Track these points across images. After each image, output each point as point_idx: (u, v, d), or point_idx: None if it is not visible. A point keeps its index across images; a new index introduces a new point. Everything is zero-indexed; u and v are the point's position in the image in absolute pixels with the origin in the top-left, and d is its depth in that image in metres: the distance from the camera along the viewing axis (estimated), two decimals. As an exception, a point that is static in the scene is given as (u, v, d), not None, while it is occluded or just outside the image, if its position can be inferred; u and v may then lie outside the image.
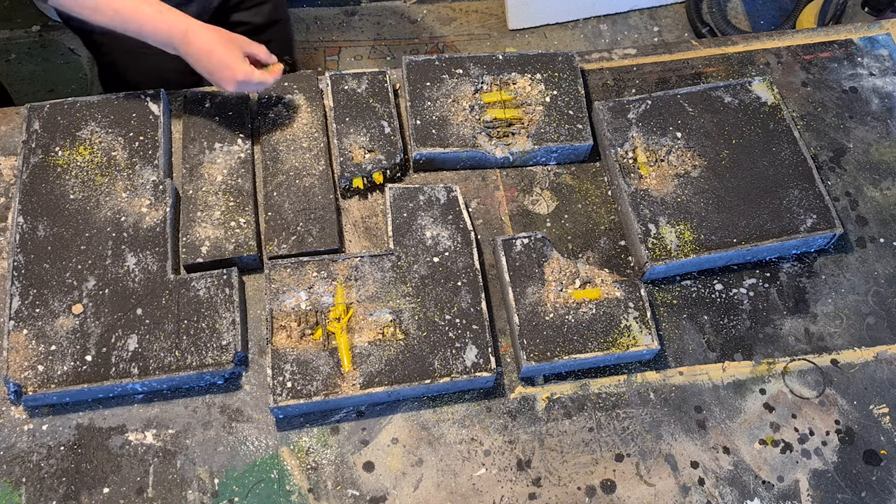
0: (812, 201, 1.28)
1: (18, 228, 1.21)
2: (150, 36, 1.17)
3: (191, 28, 1.16)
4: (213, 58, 1.16)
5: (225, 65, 1.17)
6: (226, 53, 1.16)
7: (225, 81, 1.18)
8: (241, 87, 1.20)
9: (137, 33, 1.17)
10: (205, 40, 1.16)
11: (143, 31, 1.17)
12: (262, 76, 1.20)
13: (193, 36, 1.16)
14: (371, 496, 1.10)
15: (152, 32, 1.16)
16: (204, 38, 1.16)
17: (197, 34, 1.16)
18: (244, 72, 1.17)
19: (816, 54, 1.52)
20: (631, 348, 1.16)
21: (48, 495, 1.08)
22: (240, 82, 1.18)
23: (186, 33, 1.16)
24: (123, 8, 1.15)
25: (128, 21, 1.15)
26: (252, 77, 1.18)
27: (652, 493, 1.12)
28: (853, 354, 1.23)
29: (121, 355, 1.12)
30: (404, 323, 1.16)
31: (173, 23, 1.16)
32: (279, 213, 1.25)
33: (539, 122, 1.35)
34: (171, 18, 1.16)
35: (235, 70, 1.17)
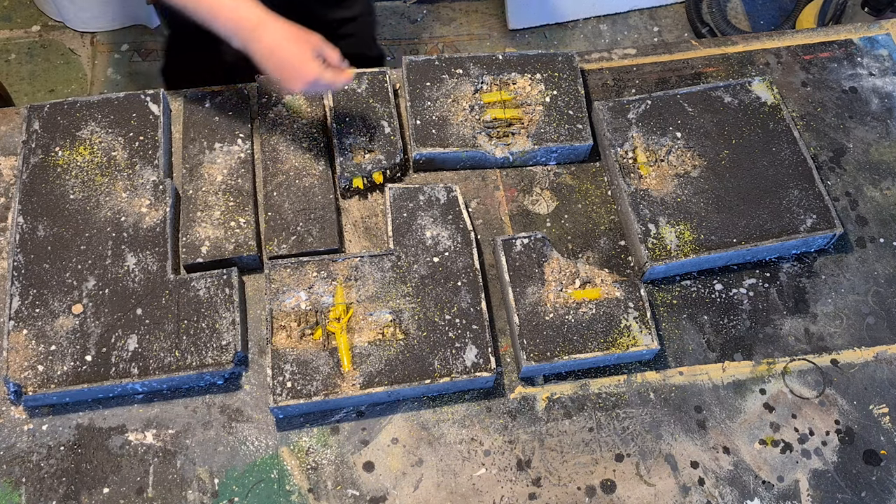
0: (812, 201, 1.28)
1: (18, 228, 1.21)
2: (219, 25, 1.11)
3: (262, 22, 1.10)
4: (283, 55, 1.10)
5: (294, 63, 1.11)
6: (296, 51, 1.11)
7: (293, 80, 1.13)
8: (309, 88, 1.14)
9: (208, 20, 1.12)
10: (275, 36, 1.10)
11: (214, 19, 1.11)
12: (332, 77, 1.14)
13: (263, 31, 1.10)
14: (371, 496, 1.10)
15: (223, 22, 1.11)
16: (274, 35, 1.10)
17: (267, 29, 1.10)
18: (314, 71, 1.11)
19: (816, 54, 1.52)
20: (631, 348, 1.16)
21: (48, 495, 1.08)
22: (309, 82, 1.12)
23: (256, 28, 1.10)
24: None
25: (201, 4, 1.10)
26: (322, 77, 1.12)
27: (652, 493, 1.12)
28: (853, 354, 1.23)
29: (121, 355, 1.12)
30: (404, 323, 1.16)
31: (245, 15, 1.10)
32: (279, 213, 1.25)
33: (539, 122, 1.35)
34: (244, 10, 1.10)
35: (305, 69, 1.11)
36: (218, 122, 1.33)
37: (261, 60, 1.12)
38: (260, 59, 1.12)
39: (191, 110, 1.34)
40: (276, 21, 1.11)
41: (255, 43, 1.11)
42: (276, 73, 1.13)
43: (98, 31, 2.68)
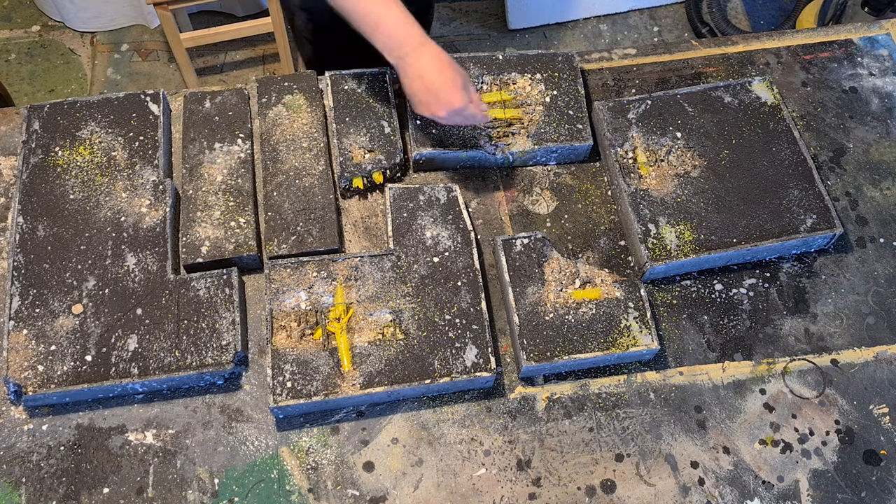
0: (812, 201, 1.28)
1: (18, 228, 1.21)
2: (378, 39, 1.13)
3: (421, 45, 1.12)
4: (438, 77, 1.12)
5: (445, 89, 1.12)
6: (449, 78, 1.12)
7: (439, 105, 1.13)
8: (452, 116, 1.15)
9: (367, 31, 1.13)
10: (430, 61, 1.12)
11: (375, 33, 1.12)
12: (476, 110, 1.16)
13: (420, 54, 1.12)
14: (371, 496, 1.10)
15: (383, 38, 1.12)
16: (429, 59, 1.12)
17: (424, 53, 1.12)
18: (462, 99, 1.13)
19: (816, 54, 1.52)
20: (631, 348, 1.16)
21: (48, 495, 1.08)
22: (454, 110, 1.13)
23: (414, 50, 1.12)
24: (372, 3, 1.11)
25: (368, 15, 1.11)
26: (466, 108, 1.13)
27: (652, 493, 1.12)
28: (853, 354, 1.23)
29: (121, 355, 1.12)
30: (404, 323, 1.16)
31: (406, 35, 1.12)
32: (279, 213, 1.25)
33: (539, 122, 1.35)
34: (405, 30, 1.12)
35: (454, 96, 1.12)
36: (218, 122, 1.33)
37: (410, 81, 1.14)
38: (409, 80, 1.14)
39: (191, 110, 1.34)
40: (434, 46, 1.12)
41: (408, 64, 1.12)
42: (422, 96, 1.14)
43: (98, 31, 2.68)
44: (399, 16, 1.11)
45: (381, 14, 1.11)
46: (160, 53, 2.66)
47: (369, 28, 1.12)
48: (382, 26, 1.11)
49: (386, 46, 1.13)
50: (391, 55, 1.13)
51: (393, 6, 1.11)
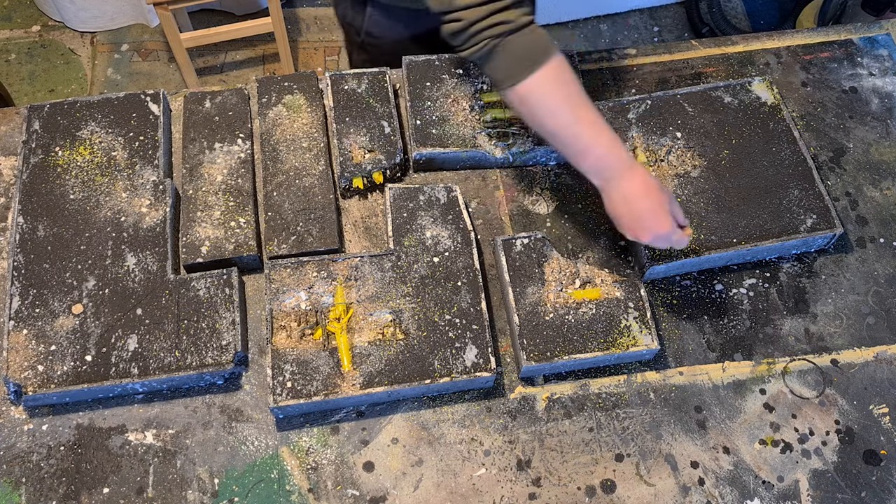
0: (812, 201, 1.28)
1: (18, 228, 1.21)
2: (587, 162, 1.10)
3: (630, 169, 1.09)
4: (645, 202, 1.09)
5: (654, 213, 1.09)
6: (654, 203, 1.09)
7: (645, 230, 1.10)
8: (656, 240, 1.11)
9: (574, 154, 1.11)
10: (637, 185, 1.09)
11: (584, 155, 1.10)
12: (680, 236, 1.12)
13: (635, 174, 1.09)
14: (371, 496, 1.10)
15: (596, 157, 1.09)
16: (643, 180, 1.09)
17: (633, 176, 1.09)
18: (667, 225, 1.09)
19: (816, 54, 1.52)
20: (631, 348, 1.16)
21: (48, 495, 1.08)
22: (659, 235, 1.10)
23: (624, 173, 1.09)
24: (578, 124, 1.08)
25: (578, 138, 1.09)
26: (672, 233, 1.10)
27: (652, 493, 1.12)
28: (853, 354, 1.23)
29: (121, 355, 1.12)
30: (404, 323, 1.16)
31: (619, 158, 1.09)
32: (279, 213, 1.25)
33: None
34: (617, 154, 1.09)
35: (662, 221, 1.09)
36: (218, 122, 1.33)
37: (615, 205, 1.11)
38: (615, 204, 1.11)
39: (191, 110, 1.34)
40: (640, 170, 1.10)
41: (614, 188, 1.10)
42: (627, 220, 1.11)
43: (98, 31, 2.68)
44: (608, 140, 1.09)
45: (592, 139, 1.08)
46: (160, 53, 2.66)
47: (576, 151, 1.10)
48: (592, 150, 1.09)
49: (592, 169, 1.11)
50: (597, 178, 1.11)
51: (603, 131, 1.09)
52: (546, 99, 1.07)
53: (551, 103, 1.07)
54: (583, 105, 1.08)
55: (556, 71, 1.06)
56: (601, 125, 1.09)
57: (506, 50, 1.05)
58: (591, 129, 1.08)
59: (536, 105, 1.08)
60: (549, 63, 1.05)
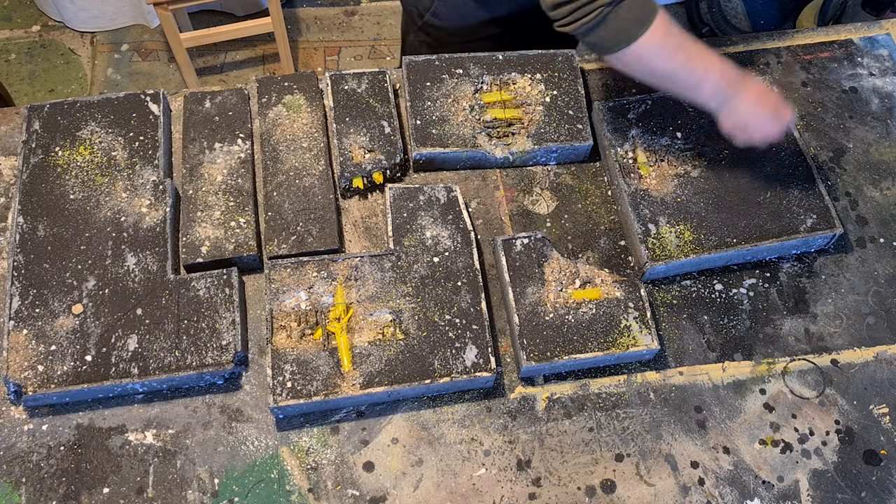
0: (812, 201, 1.28)
1: (18, 228, 1.21)
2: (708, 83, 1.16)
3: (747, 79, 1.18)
4: (770, 99, 1.19)
5: (778, 105, 1.20)
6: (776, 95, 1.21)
7: (774, 124, 1.20)
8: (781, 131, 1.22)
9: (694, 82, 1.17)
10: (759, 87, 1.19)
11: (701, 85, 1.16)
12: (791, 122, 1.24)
13: (752, 81, 1.19)
14: (371, 496, 1.10)
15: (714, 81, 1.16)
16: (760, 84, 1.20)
17: (754, 80, 1.19)
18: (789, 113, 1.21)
19: (816, 54, 1.52)
20: (631, 348, 1.16)
21: (48, 495, 1.08)
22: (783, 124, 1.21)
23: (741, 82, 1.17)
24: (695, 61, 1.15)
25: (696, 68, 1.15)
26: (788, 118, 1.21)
27: (652, 493, 1.12)
28: (853, 354, 1.23)
29: (121, 355, 1.12)
30: (404, 323, 1.16)
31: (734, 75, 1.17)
32: (279, 213, 1.25)
33: (539, 122, 1.35)
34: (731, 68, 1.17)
35: (785, 110, 1.21)
36: (218, 122, 1.33)
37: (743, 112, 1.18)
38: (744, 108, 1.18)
39: (191, 110, 1.34)
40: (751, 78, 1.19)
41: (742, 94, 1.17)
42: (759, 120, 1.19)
43: (98, 31, 2.68)
44: (720, 64, 1.16)
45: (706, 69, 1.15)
46: (160, 53, 2.66)
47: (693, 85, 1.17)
48: (708, 78, 1.15)
49: (710, 96, 1.18)
50: (714, 101, 1.19)
51: (713, 58, 1.16)
52: (662, 49, 1.12)
53: (667, 51, 1.13)
54: (689, 41, 1.14)
55: (663, 21, 1.11)
56: (709, 53, 1.15)
57: (619, 15, 1.08)
58: (703, 61, 1.15)
59: (653, 57, 1.13)
60: (658, 17, 1.10)
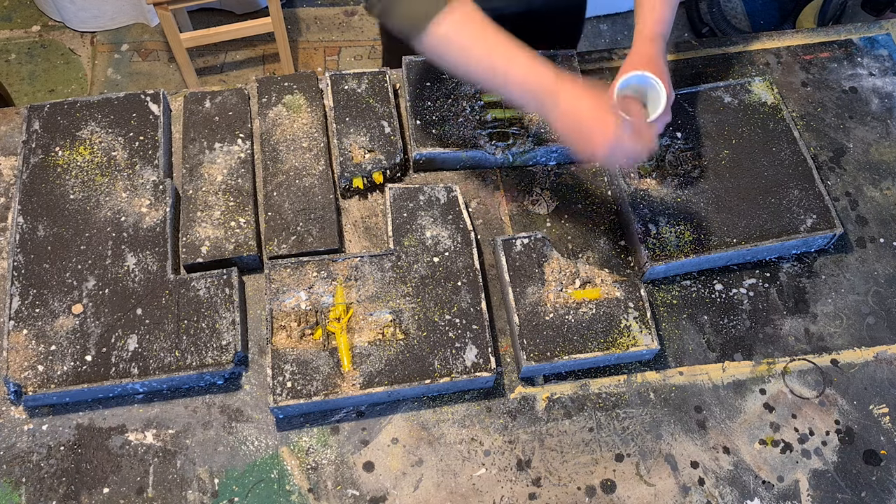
0: (812, 201, 1.28)
1: (18, 228, 1.21)
2: (513, 90, 1.05)
3: (562, 85, 1.03)
4: (584, 118, 1.02)
5: (596, 122, 1.02)
6: (597, 114, 1.02)
7: (595, 145, 1.03)
8: (611, 154, 1.04)
9: (499, 86, 1.05)
10: (574, 98, 1.03)
11: (507, 85, 1.04)
12: (633, 142, 1.03)
13: (564, 94, 1.03)
14: (371, 496, 1.10)
15: (517, 88, 1.04)
16: (573, 96, 1.03)
17: (567, 91, 1.03)
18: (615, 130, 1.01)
19: (816, 54, 1.52)
20: (631, 348, 1.16)
21: (48, 495, 1.08)
22: (611, 146, 1.02)
23: (553, 92, 1.03)
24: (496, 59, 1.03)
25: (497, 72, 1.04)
26: (623, 142, 1.02)
27: (652, 493, 1.12)
28: (853, 354, 1.23)
29: (121, 355, 1.12)
30: (404, 323, 1.16)
31: (541, 79, 1.03)
32: (279, 213, 1.25)
33: (539, 122, 1.35)
34: (539, 74, 1.03)
35: (607, 128, 1.02)
36: (218, 122, 1.33)
37: (561, 124, 1.06)
38: (560, 123, 1.06)
39: (191, 110, 1.34)
40: (574, 83, 1.04)
41: (551, 107, 1.04)
42: (577, 135, 1.05)
43: (98, 31, 2.68)
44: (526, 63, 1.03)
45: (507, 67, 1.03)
46: (160, 53, 2.66)
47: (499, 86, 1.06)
48: (511, 79, 1.04)
49: (523, 100, 1.06)
50: (532, 104, 1.07)
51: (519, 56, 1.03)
52: (457, 39, 1.02)
53: (462, 42, 1.02)
54: (493, 36, 1.03)
55: (462, 9, 1.02)
56: (518, 52, 1.02)
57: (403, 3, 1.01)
58: (506, 60, 1.02)
59: (449, 47, 1.03)
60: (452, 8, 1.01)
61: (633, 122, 1.04)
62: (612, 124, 1.02)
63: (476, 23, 1.03)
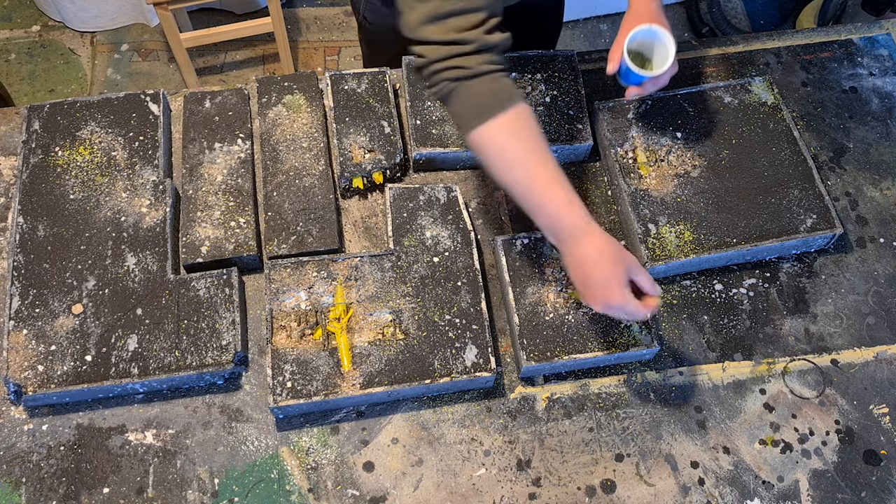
0: (812, 201, 1.28)
1: (18, 228, 1.21)
2: (542, 215, 1.03)
3: (590, 230, 1.02)
4: (596, 271, 1.02)
5: (605, 283, 1.02)
6: (610, 271, 1.01)
7: (595, 299, 1.04)
8: (607, 311, 1.05)
9: (532, 207, 1.04)
10: (591, 250, 1.02)
11: (539, 209, 1.03)
12: (637, 307, 1.03)
13: (588, 239, 1.02)
14: (371, 496, 1.10)
15: (548, 216, 1.03)
16: (596, 247, 1.02)
17: (586, 240, 1.02)
18: (621, 298, 1.01)
19: (816, 54, 1.52)
20: (631, 348, 1.16)
21: (48, 495, 1.08)
22: (610, 307, 1.03)
23: (578, 235, 1.02)
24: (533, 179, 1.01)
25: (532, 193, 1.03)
26: (626, 306, 1.02)
27: (652, 493, 1.12)
28: (853, 354, 1.23)
29: (121, 355, 1.12)
30: (404, 323, 1.16)
31: (571, 219, 1.02)
32: (279, 213, 1.25)
33: (539, 122, 1.34)
34: (577, 211, 1.02)
35: (613, 293, 1.02)
36: (218, 122, 1.33)
37: (572, 266, 1.05)
38: (572, 265, 1.05)
39: (191, 110, 1.34)
40: (598, 233, 1.03)
41: (570, 248, 1.04)
42: (579, 286, 1.06)
43: (98, 31, 2.68)
44: (563, 200, 1.02)
45: (545, 198, 1.02)
46: (160, 53, 2.66)
47: (530, 208, 1.04)
48: (545, 209, 1.03)
49: (546, 229, 1.05)
50: (552, 237, 1.06)
51: (558, 190, 1.02)
52: (500, 151, 1.02)
53: (505, 156, 1.02)
54: (540, 160, 1.02)
55: (513, 121, 1.01)
56: (558, 183, 1.02)
57: (461, 95, 1.00)
58: (544, 188, 1.02)
59: (490, 155, 1.03)
60: (506, 112, 1.00)
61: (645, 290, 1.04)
62: (619, 289, 1.01)
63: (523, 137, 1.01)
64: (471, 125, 1.01)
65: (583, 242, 1.02)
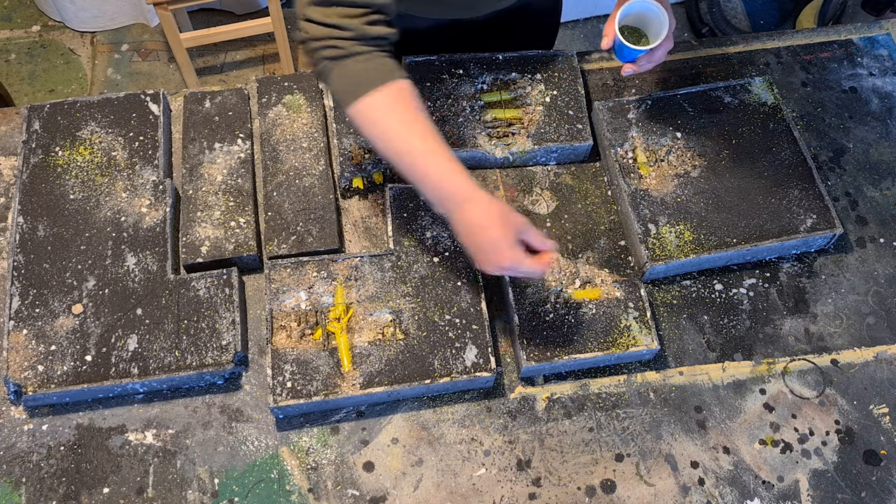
0: (812, 201, 1.28)
1: (18, 228, 1.21)
2: (426, 186, 1.04)
3: (475, 197, 1.02)
4: (485, 235, 1.02)
5: (495, 246, 1.02)
6: (499, 234, 1.02)
7: (488, 263, 1.04)
8: (503, 272, 1.06)
9: (415, 178, 1.04)
10: (481, 214, 1.02)
11: (422, 180, 1.04)
12: (531, 265, 1.03)
13: (474, 205, 1.02)
14: (371, 496, 1.10)
15: (432, 186, 1.04)
16: (480, 212, 1.02)
17: (479, 204, 1.02)
18: (512, 258, 1.02)
19: (816, 54, 1.52)
20: (631, 348, 1.16)
21: (48, 495, 1.08)
22: (504, 268, 1.04)
23: (463, 202, 1.03)
24: (412, 149, 1.02)
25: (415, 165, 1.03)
26: (520, 265, 1.02)
27: (652, 493, 1.12)
28: (853, 354, 1.23)
29: (121, 355, 1.12)
30: (404, 323, 1.16)
31: (458, 186, 1.02)
32: (279, 213, 1.25)
33: (539, 122, 1.35)
34: (458, 180, 1.02)
35: (503, 254, 1.02)
36: (218, 122, 1.33)
37: (462, 234, 1.06)
38: (461, 233, 1.06)
39: (191, 110, 1.34)
40: (484, 198, 1.03)
41: (457, 217, 1.04)
42: (474, 251, 1.06)
43: (98, 31, 2.68)
44: (445, 168, 1.02)
45: (426, 168, 1.03)
46: (160, 53, 2.66)
47: (414, 180, 1.05)
48: (427, 180, 1.03)
49: (432, 199, 1.06)
50: (440, 207, 1.07)
51: (440, 158, 1.02)
52: (376, 124, 1.02)
53: (382, 129, 1.02)
54: (418, 132, 1.02)
55: (391, 96, 1.01)
56: (439, 153, 1.02)
57: (338, 73, 1.01)
58: (425, 159, 1.02)
59: (368, 129, 1.03)
60: (383, 87, 1.00)
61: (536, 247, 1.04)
62: (510, 250, 1.02)
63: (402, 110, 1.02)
64: (347, 101, 1.03)
65: (468, 209, 1.02)
